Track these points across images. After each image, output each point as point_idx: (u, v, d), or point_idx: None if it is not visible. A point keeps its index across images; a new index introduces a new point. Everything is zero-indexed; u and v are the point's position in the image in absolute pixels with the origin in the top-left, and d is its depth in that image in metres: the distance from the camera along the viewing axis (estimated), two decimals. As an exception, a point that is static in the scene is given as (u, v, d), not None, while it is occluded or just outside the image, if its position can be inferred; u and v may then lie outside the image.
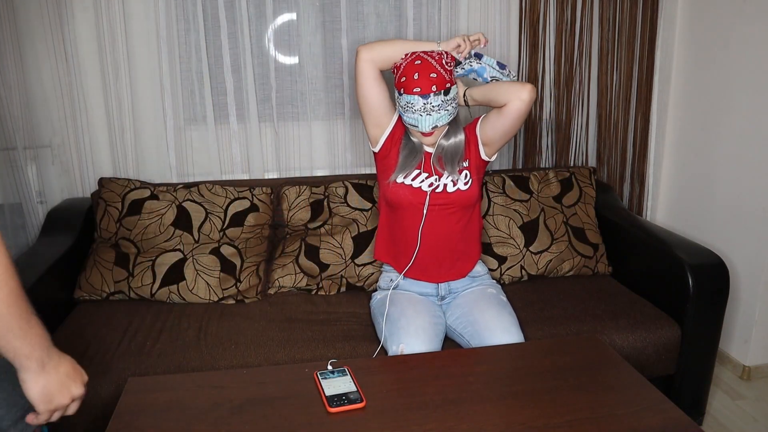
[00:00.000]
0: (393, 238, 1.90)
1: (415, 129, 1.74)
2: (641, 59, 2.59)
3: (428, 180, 1.81)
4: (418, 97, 1.66)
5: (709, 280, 1.94)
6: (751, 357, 2.37)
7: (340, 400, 1.28)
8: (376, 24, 2.38)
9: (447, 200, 1.81)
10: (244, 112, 2.38)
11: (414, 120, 1.70)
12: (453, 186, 1.81)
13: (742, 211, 2.34)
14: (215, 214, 2.15)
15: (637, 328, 1.92)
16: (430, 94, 1.66)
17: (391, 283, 1.89)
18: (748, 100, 2.29)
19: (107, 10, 2.19)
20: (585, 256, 2.26)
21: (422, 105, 1.67)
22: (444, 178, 1.81)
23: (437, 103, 1.67)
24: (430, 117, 1.68)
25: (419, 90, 1.66)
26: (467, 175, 1.83)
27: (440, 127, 1.73)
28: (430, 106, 1.67)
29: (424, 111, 1.68)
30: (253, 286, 2.09)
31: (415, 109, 1.68)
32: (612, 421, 1.23)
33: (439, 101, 1.67)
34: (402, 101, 1.71)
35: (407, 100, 1.68)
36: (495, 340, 1.67)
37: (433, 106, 1.67)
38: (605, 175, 2.70)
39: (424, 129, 1.71)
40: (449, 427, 1.21)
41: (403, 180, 1.81)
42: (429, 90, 1.65)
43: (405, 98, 1.69)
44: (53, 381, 0.95)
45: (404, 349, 1.63)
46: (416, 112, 1.69)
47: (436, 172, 1.82)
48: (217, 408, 1.27)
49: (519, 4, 2.45)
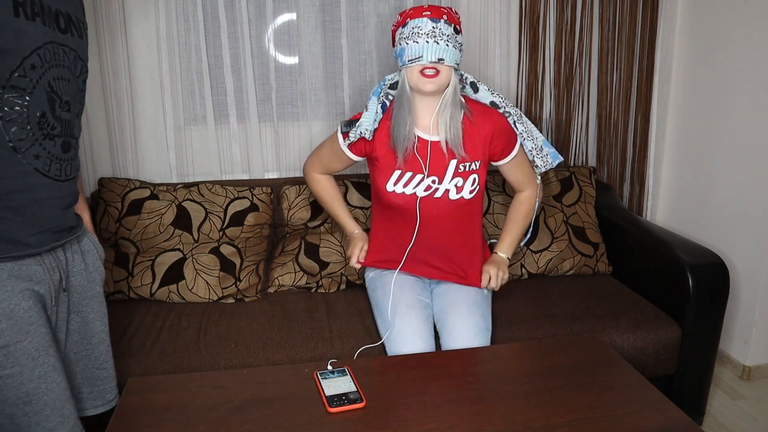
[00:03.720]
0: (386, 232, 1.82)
1: (416, 63, 1.54)
2: (641, 59, 2.59)
3: (424, 183, 1.67)
4: (427, 19, 1.51)
5: (709, 280, 1.94)
6: (751, 357, 2.37)
7: (340, 400, 1.28)
8: (376, 24, 2.38)
9: (445, 206, 1.70)
10: (244, 112, 2.38)
11: (417, 49, 1.52)
12: (457, 192, 1.68)
13: (742, 211, 2.34)
14: (215, 213, 2.15)
15: (638, 328, 1.92)
16: (441, 19, 1.52)
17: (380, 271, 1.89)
18: (748, 100, 2.29)
19: (106, 9, 2.19)
20: (585, 255, 2.26)
21: (431, 28, 1.51)
22: (446, 182, 1.68)
23: (447, 33, 1.52)
24: (437, 45, 1.51)
25: (429, 13, 1.52)
26: (475, 180, 1.69)
27: (445, 67, 1.54)
28: (439, 31, 1.51)
29: (431, 36, 1.51)
30: (252, 285, 2.09)
31: (421, 33, 1.51)
32: (612, 421, 1.23)
33: (449, 32, 1.52)
34: (405, 31, 1.55)
35: (414, 24, 1.52)
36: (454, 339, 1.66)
37: (443, 32, 1.51)
38: (605, 175, 2.70)
39: (429, 57, 1.51)
40: (449, 427, 1.21)
41: (393, 188, 1.69)
42: (440, 15, 1.52)
43: (411, 24, 1.53)
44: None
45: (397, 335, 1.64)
46: (422, 38, 1.51)
47: (436, 169, 1.67)
48: (217, 408, 1.27)
49: (519, 4, 2.45)
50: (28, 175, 1.11)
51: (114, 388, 1.40)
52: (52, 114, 1.13)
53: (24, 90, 1.07)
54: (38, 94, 1.09)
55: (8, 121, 1.06)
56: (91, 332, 1.33)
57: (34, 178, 1.12)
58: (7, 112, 1.06)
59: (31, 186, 1.12)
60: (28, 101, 1.08)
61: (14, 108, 1.06)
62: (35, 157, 1.12)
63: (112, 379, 1.39)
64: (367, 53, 2.40)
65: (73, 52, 1.19)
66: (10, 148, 1.07)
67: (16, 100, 1.06)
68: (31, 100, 1.08)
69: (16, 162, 1.09)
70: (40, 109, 1.11)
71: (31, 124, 1.09)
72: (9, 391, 1.11)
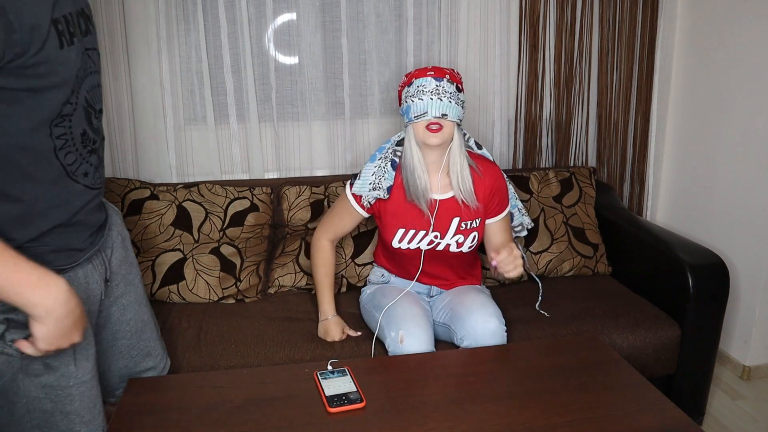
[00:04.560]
0: (392, 258, 1.89)
1: (421, 119, 1.62)
2: (641, 59, 2.59)
3: (427, 238, 1.76)
4: (431, 78, 1.61)
5: (709, 280, 1.94)
6: (751, 357, 2.37)
7: (340, 400, 1.28)
8: (376, 24, 2.38)
9: (446, 256, 1.79)
10: (244, 112, 2.38)
11: (423, 106, 1.61)
12: (456, 247, 1.77)
13: (742, 211, 2.34)
14: (215, 213, 2.15)
15: (637, 328, 1.92)
16: (443, 79, 1.62)
17: (383, 278, 1.91)
18: (748, 100, 2.29)
19: (106, 9, 2.19)
20: (585, 256, 2.26)
21: (435, 86, 1.61)
22: (448, 237, 1.75)
23: (450, 90, 1.62)
24: (441, 102, 1.60)
25: (433, 73, 1.62)
26: (475, 237, 1.78)
27: (449, 122, 1.63)
28: (442, 89, 1.61)
29: (435, 93, 1.60)
30: (253, 285, 2.09)
31: (425, 91, 1.61)
32: (612, 421, 1.23)
33: (451, 90, 1.62)
34: (411, 90, 1.65)
35: (418, 83, 1.63)
36: (471, 316, 1.66)
37: (446, 90, 1.61)
38: (605, 175, 2.70)
39: (433, 113, 1.60)
40: (449, 427, 1.21)
41: (399, 245, 1.77)
42: (443, 75, 1.63)
43: (416, 83, 1.63)
44: (59, 329, 1.01)
45: (404, 336, 1.63)
46: (426, 95, 1.60)
47: (439, 226, 1.75)
48: (217, 408, 1.27)
49: (519, 4, 2.45)
50: (81, 194, 1.11)
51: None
52: (90, 127, 1.12)
53: (69, 115, 1.05)
54: (78, 113, 1.07)
55: (61, 149, 1.05)
56: (142, 298, 1.40)
57: (84, 194, 1.12)
58: (59, 142, 1.04)
59: (83, 202, 1.13)
60: (71, 123, 1.06)
61: (62, 135, 1.05)
62: (84, 175, 1.12)
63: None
64: (367, 53, 2.40)
65: (95, 52, 1.16)
66: (66, 176, 1.07)
67: (63, 127, 1.04)
68: (73, 121, 1.06)
69: (71, 186, 1.09)
70: (81, 127, 1.09)
71: (77, 145, 1.08)
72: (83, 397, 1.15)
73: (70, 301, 1.01)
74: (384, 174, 1.75)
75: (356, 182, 1.79)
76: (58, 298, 0.99)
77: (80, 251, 1.15)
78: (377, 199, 1.77)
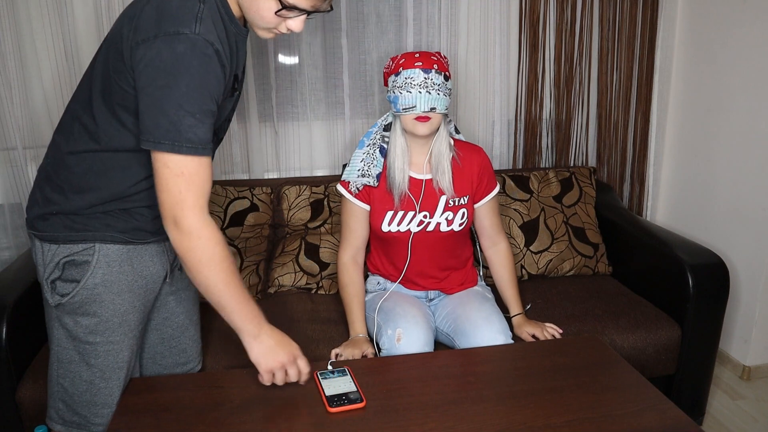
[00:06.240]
0: (383, 254, 1.88)
1: (410, 113, 1.63)
2: (641, 59, 2.59)
3: (416, 218, 1.75)
4: (419, 70, 1.61)
5: (709, 280, 1.94)
6: (751, 357, 2.37)
7: (340, 400, 1.27)
8: (376, 24, 2.38)
9: (437, 237, 1.77)
10: (244, 112, 2.37)
11: (411, 99, 1.61)
12: (447, 225, 1.76)
13: (742, 211, 2.34)
14: (215, 213, 2.15)
15: (638, 329, 1.92)
16: (432, 70, 1.62)
17: (378, 286, 1.88)
18: (748, 100, 2.29)
19: (108, 8, 2.19)
20: (585, 255, 2.26)
21: (423, 79, 1.60)
22: (437, 216, 1.75)
23: (438, 82, 1.61)
24: (429, 95, 1.60)
25: (421, 64, 1.62)
26: (464, 214, 1.77)
27: (437, 114, 1.64)
28: (431, 81, 1.60)
29: (424, 87, 1.60)
30: (252, 285, 2.09)
31: (414, 84, 1.61)
32: (612, 421, 1.23)
33: (440, 82, 1.62)
34: (399, 81, 1.64)
35: (407, 75, 1.62)
36: (478, 333, 1.65)
37: (434, 83, 1.61)
38: (605, 175, 2.70)
39: (422, 107, 1.61)
40: (449, 427, 1.21)
41: (389, 228, 1.76)
42: (431, 66, 1.62)
43: (404, 74, 1.62)
44: (263, 348, 1.28)
45: (401, 334, 1.63)
46: (415, 88, 1.60)
47: (427, 205, 1.75)
48: (217, 408, 1.27)
49: (519, 4, 2.45)
50: None
51: None
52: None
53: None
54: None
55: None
56: (197, 299, 1.53)
57: None
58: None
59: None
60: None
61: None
62: None
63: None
64: (367, 53, 2.40)
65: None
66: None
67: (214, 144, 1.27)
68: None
69: None
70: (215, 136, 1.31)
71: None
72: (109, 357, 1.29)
73: (278, 356, 1.29)
74: (373, 161, 1.75)
75: (345, 170, 1.80)
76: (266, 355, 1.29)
77: (151, 234, 1.31)
78: (365, 185, 1.76)
